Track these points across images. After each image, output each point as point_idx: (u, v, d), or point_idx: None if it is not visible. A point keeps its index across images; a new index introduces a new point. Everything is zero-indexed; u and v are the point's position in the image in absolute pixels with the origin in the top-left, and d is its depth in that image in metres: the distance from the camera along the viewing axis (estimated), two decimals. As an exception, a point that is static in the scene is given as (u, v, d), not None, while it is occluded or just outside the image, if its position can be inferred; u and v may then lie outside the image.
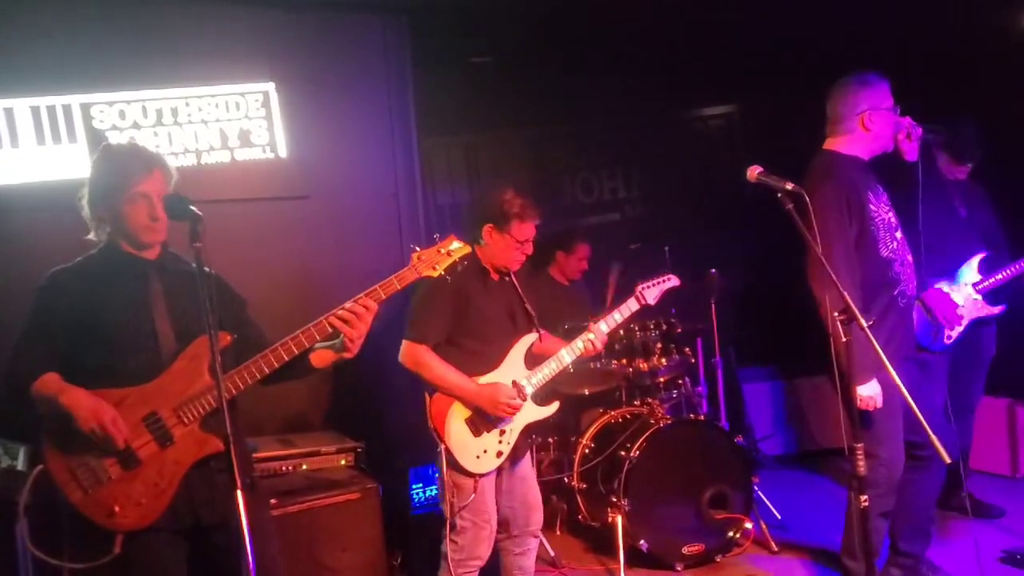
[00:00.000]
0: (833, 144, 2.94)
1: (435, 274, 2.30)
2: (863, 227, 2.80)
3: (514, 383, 2.81)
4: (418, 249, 2.33)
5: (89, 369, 2.08)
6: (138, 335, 2.12)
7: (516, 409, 2.75)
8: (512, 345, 2.84)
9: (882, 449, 2.83)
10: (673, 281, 3.22)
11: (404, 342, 2.74)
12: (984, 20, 4.37)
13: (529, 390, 2.84)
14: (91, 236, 2.23)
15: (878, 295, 2.81)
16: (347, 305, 2.18)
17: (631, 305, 3.10)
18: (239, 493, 1.70)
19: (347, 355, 2.24)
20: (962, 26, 4.34)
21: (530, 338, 2.88)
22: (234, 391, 2.13)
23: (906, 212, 2.94)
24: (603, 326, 2.99)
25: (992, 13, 4.35)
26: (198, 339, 2.10)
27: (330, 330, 2.18)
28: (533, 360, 2.91)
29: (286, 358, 2.16)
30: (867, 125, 2.86)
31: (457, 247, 2.34)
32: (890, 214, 2.91)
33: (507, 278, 2.90)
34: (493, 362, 2.81)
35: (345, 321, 2.16)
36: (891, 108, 2.87)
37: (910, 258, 2.95)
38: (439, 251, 2.32)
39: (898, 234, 2.92)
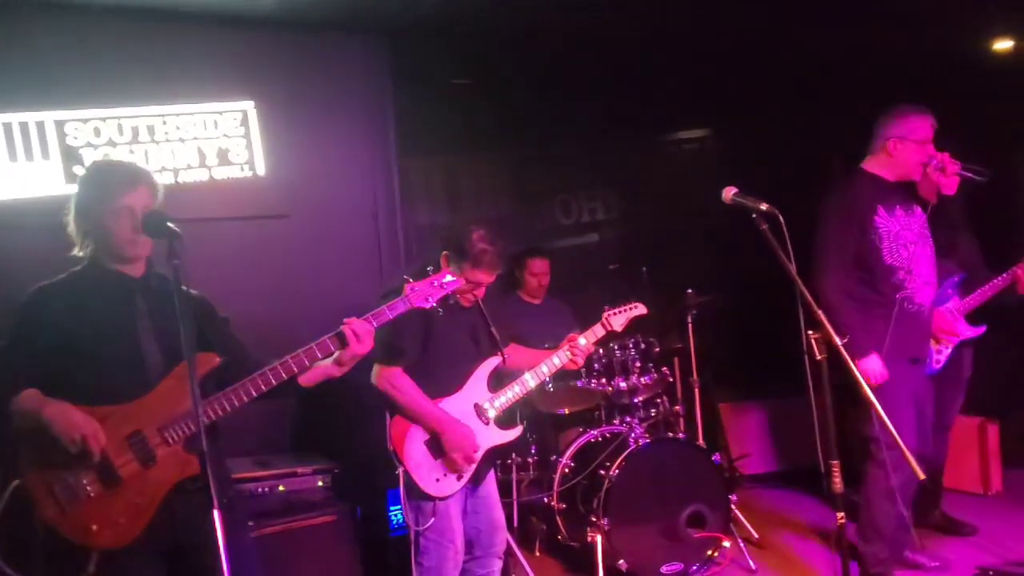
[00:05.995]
0: (864, 162, 3.29)
1: (427, 306, 2.29)
2: (864, 237, 3.13)
3: (476, 406, 2.81)
4: (411, 280, 2.31)
5: (74, 386, 2.04)
6: (124, 353, 2.09)
7: (471, 463, 2.72)
8: (475, 369, 2.83)
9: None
10: (640, 309, 3.25)
11: (377, 365, 2.70)
12: (959, 46, 4.51)
13: (492, 413, 2.82)
14: (76, 252, 2.18)
15: (882, 296, 3.12)
16: (353, 322, 2.19)
17: (597, 331, 3.12)
18: (216, 512, 1.69)
19: (337, 374, 2.24)
20: (935, 52, 4.46)
21: (493, 361, 2.88)
22: (220, 413, 2.10)
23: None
24: (582, 340, 3.00)
25: (968, 39, 4.49)
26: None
27: (332, 349, 2.17)
28: (508, 377, 2.90)
29: (275, 383, 2.12)
30: (891, 151, 3.17)
31: (450, 280, 2.33)
32: (907, 230, 3.17)
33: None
34: (455, 385, 2.79)
35: (357, 336, 2.16)
36: (920, 141, 3.12)
37: (924, 271, 3.20)
38: (432, 283, 2.31)
39: (912, 247, 3.15)
